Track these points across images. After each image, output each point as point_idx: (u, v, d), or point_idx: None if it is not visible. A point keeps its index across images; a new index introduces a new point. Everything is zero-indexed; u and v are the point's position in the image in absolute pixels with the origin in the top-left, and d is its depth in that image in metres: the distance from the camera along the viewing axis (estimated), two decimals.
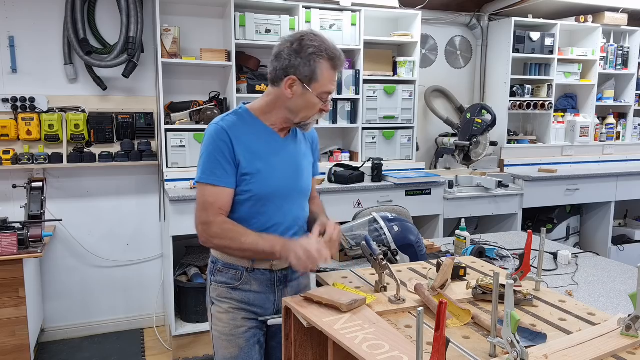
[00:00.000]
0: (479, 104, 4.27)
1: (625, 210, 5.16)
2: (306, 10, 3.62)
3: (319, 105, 1.63)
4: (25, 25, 3.30)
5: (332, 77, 1.62)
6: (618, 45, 4.81)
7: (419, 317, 1.00)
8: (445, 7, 4.45)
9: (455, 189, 3.99)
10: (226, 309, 1.71)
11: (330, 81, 1.62)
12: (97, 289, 3.67)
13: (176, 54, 3.40)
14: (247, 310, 1.71)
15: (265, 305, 1.72)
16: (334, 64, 1.60)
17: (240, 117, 1.68)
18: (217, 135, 1.62)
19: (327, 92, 1.62)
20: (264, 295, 1.71)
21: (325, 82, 1.60)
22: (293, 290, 1.77)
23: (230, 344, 1.70)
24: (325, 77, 1.60)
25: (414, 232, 2.18)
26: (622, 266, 2.25)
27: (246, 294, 1.70)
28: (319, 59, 1.58)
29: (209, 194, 1.61)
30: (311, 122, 1.69)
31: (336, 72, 1.64)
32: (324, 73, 1.59)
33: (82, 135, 3.39)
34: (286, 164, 1.70)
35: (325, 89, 1.61)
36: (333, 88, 1.64)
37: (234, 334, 1.69)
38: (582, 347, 1.24)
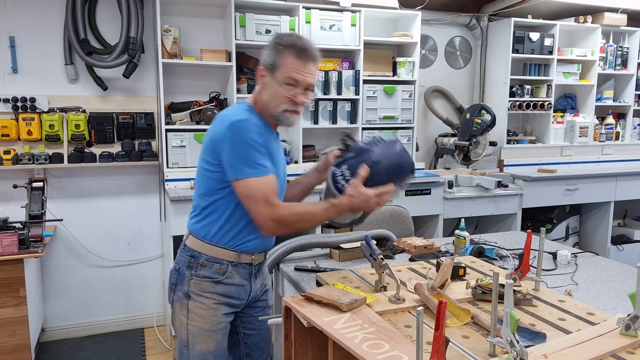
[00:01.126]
0: (478, 104, 4.28)
1: (625, 210, 5.16)
2: (306, 10, 3.63)
3: (284, 93, 1.64)
4: (25, 26, 3.31)
5: (296, 66, 1.63)
6: (617, 45, 4.82)
7: (419, 317, 1.01)
8: (445, 8, 4.45)
9: (454, 189, 4.00)
10: (208, 304, 1.72)
11: (293, 69, 1.62)
12: (98, 289, 3.68)
13: (176, 54, 3.41)
14: (226, 304, 1.76)
15: (242, 296, 1.80)
16: (298, 53, 1.62)
17: (252, 112, 1.71)
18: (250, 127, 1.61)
19: (291, 78, 1.62)
20: (242, 287, 1.78)
21: (288, 69, 1.62)
22: (260, 280, 1.86)
23: (209, 339, 1.73)
24: (288, 64, 1.62)
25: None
26: (622, 266, 2.25)
27: (228, 287, 1.75)
28: (282, 48, 1.64)
29: (264, 185, 1.59)
30: (289, 116, 1.67)
31: (303, 62, 1.63)
32: (286, 60, 1.63)
33: (83, 136, 3.39)
34: (282, 160, 1.81)
35: (287, 75, 1.62)
36: (300, 77, 1.63)
37: (214, 330, 1.73)
38: (582, 346, 1.25)
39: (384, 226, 2.97)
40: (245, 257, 1.75)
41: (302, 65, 1.63)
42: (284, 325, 1.53)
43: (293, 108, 1.67)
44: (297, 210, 1.66)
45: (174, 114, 3.54)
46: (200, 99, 3.59)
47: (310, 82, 1.66)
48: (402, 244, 2.51)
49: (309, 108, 1.84)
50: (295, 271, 2.12)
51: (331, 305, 1.45)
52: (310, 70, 1.66)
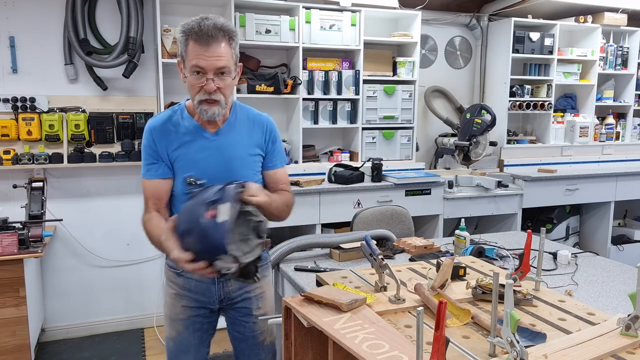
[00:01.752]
0: (478, 104, 4.28)
1: (625, 210, 5.16)
2: (306, 10, 3.63)
3: (194, 83, 1.57)
4: (25, 26, 3.30)
5: (198, 52, 1.54)
6: (617, 45, 4.82)
7: (419, 317, 1.01)
8: (445, 8, 4.45)
9: (455, 189, 4.00)
10: (170, 293, 1.80)
11: (194, 54, 1.54)
12: (98, 289, 3.68)
13: (176, 54, 3.41)
14: (188, 297, 1.77)
15: (207, 294, 1.77)
16: (197, 38, 1.54)
17: (176, 111, 1.72)
18: (145, 130, 1.71)
19: (194, 65, 1.55)
20: (204, 284, 1.76)
21: (191, 55, 1.55)
22: (238, 283, 1.77)
23: (170, 326, 1.81)
24: (190, 52, 1.56)
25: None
26: (622, 266, 2.25)
27: (188, 281, 1.76)
28: (182, 35, 1.58)
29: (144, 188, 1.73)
30: (206, 108, 1.59)
31: (204, 46, 1.53)
32: (188, 47, 1.57)
33: (83, 135, 3.39)
34: (213, 157, 1.68)
35: (191, 63, 1.55)
36: (204, 63, 1.54)
37: (173, 319, 1.79)
38: (582, 346, 1.25)
39: (384, 226, 2.97)
40: None
41: (203, 49, 1.53)
42: (284, 325, 1.53)
43: (206, 97, 1.58)
44: (148, 227, 1.66)
45: None
46: None
47: (217, 65, 1.54)
48: (402, 244, 2.51)
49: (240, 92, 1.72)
50: (295, 271, 2.12)
51: (331, 305, 1.45)
52: (214, 52, 1.54)
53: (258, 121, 1.77)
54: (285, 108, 3.91)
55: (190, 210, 1.47)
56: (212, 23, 1.55)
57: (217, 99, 1.59)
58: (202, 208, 1.42)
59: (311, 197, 3.52)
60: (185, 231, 1.45)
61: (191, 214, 1.45)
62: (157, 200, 1.70)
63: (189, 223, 1.45)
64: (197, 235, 1.41)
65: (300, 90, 3.68)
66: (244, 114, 1.76)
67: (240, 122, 1.74)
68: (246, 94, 3.54)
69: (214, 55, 1.54)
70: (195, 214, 1.43)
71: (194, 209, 1.45)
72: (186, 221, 1.46)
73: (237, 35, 1.64)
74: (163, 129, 1.68)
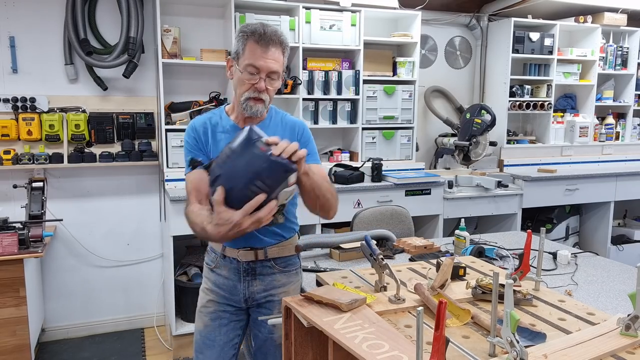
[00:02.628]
0: (478, 104, 4.28)
1: (625, 210, 5.16)
2: (306, 10, 3.63)
3: (246, 80, 1.65)
4: (25, 26, 3.31)
5: (256, 51, 1.62)
6: (617, 45, 4.82)
7: (419, 317, 1.01)
8: (445, 8, 4.45)
9: (454, 189, 4.00)
10: (203, 288, 1.90)
11: (252, 54, 1.63)
12: (98, 289, 3.68)
13: (176, 54, 3.41)
14: (216, 292, 1.85)
15: (233, 292, 1.82)
16: (258, 39, 1.62)
17: (217, 111, 1.82)
18: (188, 128, 1.80)
19: (251, 64, 1.63)
20: (231, 282, 1.82)
21: (249, 55, 1.63)
22: (263, 285, 1.81)
23: (199, 318, 1.88)
24: (249, 50, 1.63)
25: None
26: (622, 266, 2.25)
27: (218, 277, 1.84)
28: (242, 35, 1.66)
29: (187, 182, 1.75)
30: (252, 105, 1.67)
31: (264, 48, 1.62)
32: (248, 47, 1.64)
33: (83, 136, 3.39)
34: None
35: (248, 61, 1.63)
36: (260, 63, 1.63)
37: (201, 311, 1.88)
38: (582, 346, 1.25)
39: (384, 226, 2.97)
40: (230, 251, 1.79)
41: (262, 51, 1.63)
42: (284, 325, 1.53)
43: (255, 95, 1.66)
44: (191, 216, 1.64)
45: (174, 113, 3.54)
46: (200, 99, 3.59)
47: (272, 67, 1.64)
48: (402, 244, 2.52)
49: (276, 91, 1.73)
50: None
51: (331, 305, 1.45)
52: (271, 55, 1.64)
53: (291, 125, 1.82)
54: (285, 108, 3.89)
55: (234, 155, 1.47)
56: (274, 30, 1.66)
57: (263, 98, 1.68)
58: (253, 148, 1.44)
59: None
60: (235, 174, 1.45)
61: (236, 157, 1.46)
62: (198, 192, 1.70)
63: (234, 166, 1.46)
64: (250, 167, 1.43)
65: (300, 90, 3.69)
66: (279, 118, 1.83)
67: (274, 124, 1.80)
68: None
69: (270, 58, 1.64)
70: (240, 154, 1.45)
71: (236, 151, 1.46)
72: (230, 168, 1.46)
73: (289, 48, 1.74)
74: (204, 127, 1.78)
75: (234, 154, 1.47)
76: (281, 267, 1.82)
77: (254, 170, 1.43)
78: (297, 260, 1.89)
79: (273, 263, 1.81)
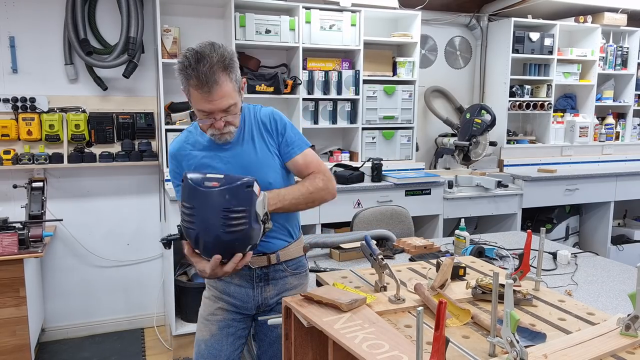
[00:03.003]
0: (478, 104, 4.28)
1: (625, 210, 5.16)
2: (306, 10, 3.63)
3: (203, 124, 1.62)
4: (25, 26, 3.31)
5: (199, 97, 1.54)
6: (617, 45, 4.82)
7: (419, 317, 1.01)
8: (445, 8, 4.45)
9: (454, 189, 4.00)
10: (208, 295, 1.84)
11: (198, 100, 1.55)
12: (98, 289, 3.68)
13: (176, 54, 3.41)
14: (225, 300, 1.79)
15: (245, 299, 1.78)
16: (197, 85, 1.52)
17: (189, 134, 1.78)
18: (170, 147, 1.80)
19: (200, 110, 1.57)
20: (243, 289, 1.77)
21: (194, 101, 1.57)
22: (276, 289, 1.79)
23: (204, 327, 1.82)
24: (194, 98, 1.57)
25: None
26: (622, 266, 2.25)
27: (228, 285, 1.79)
28: (183, 79, 1.57)
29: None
30: (219, 137, 1.64)
31: (206, 92, 1.52)
32: (191, 93, 1.57)
33: (83, 136, 3.39)
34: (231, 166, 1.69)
35: (197, 107, 1.58)
36: (209, 107, 1.55)
37: (208, 319, 1.82)
38: (582, 346, 1.25)
39: (384, 226, 2.97)
40: None
41: (206, 96, 1.53)
42: (284, 325, 1.53)
43: (218, 132, 1.62)
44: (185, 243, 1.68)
45: (173, 114, 3.53)
46: None
47: (222, 106, 1.56)
48: (402, 244, 2.52)
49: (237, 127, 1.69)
50: None
51: (331, 305, 1.45)
52: (216, 96, 1.53)
53: (264, 118, 1.76)
54: (285, 108, 3.91)
55: (203, 203, 1.46)
56: (208, 64, 1.51)
57: (227, 131, 1.64)
58: (205, 192, 1.44)
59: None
60: (221, 213, 1.44)
61: (207, 201, 1.45)
62: None
63: (214, 208, 1.44)
64: (229, 200, 1.43)
65: (300, 90, 3.68)
66: (252, 116, 1.75)
67: (249, 125, 1.74)
68: (246, 94, 3.53)
69: (217, 98, 1.55)
70: (208, 198, 1.44)
71: (206, 197, 1.45)
72: (211, 211, 1.45)
73: (234, 60, 1.60)
74: (182, 152, 1.75)
75: (193, 208, 1.46)
76: (292, 270, 1.81)
77: (221, 209, 1.43)
78: (305, 262, 1.89)
79: (285, 266, 1.79)
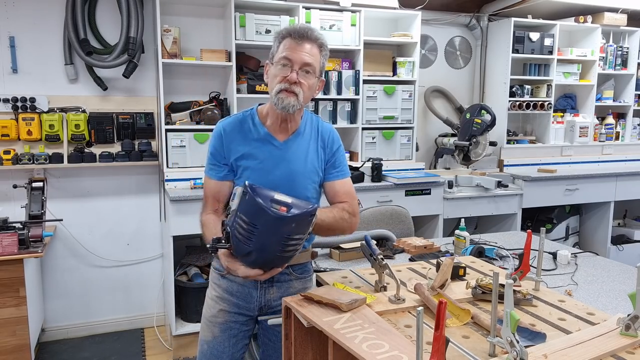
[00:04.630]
0: (478, 104, 4.28)
1: (625, 210, 5.16)
2: (306, 10, 3.63)
3: (280, 73, 1.63)
4: (25, 26, 3.31)
5: (289, 45, 1.62)
6: (617, 45, 4.82)
7: (419, 317, 1.01)
8: (445, 8, 4.45)
9: (454, 189, 4.00)
10: (212, 295, 1.81)
11: (286, 48, 1.62)
12: (98, 289, 3.68)
13: (176, 54, 3.41)
14: (228, 301, 1.77)
15: (248, 299, 1.77)
16: (292, 33, 1.63)
17: (247, 114, 1.76)
18: (214, 131, 1.76)
19: (284, 57, 1.61)
20: (247, 288, 1.76)
21: (282, 49, 1.63)
22: (280, 292, 1.77)
23: (207, 328, 1.81)
24: (283, 46, 1.64)
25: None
26: (622, 266, 2.25)
27: (232, 283, 1.77)
28: (279, 36, 1.67)
29: (204, 187, 1.79)
30: (284, 97, 1.61)
31: (297, 41, 1.61)
32: (282, 44, 1.64)
33: (83, 136, 3.39)
34: (277, 168, 1.69)
35: (281, 54, 1.62)
36: (293, 55, 1.61)
37: (211, 321, 1.80)
38: (582, 346, 1.25)
39: (384, 226, 2.97)
40: None
41: (295, 44, 1.61)
42: (284, 325, 1.53)
43: (287, 87, 1.61)
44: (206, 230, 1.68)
45: (174, 114, 3.54)
46: (200, 99, 3.59)
47: (305, 59, 1.61)
48: (402, 244, 2.52)
49: (314, 93, 1.71)
50: None
51: (331, 305, 1.45)
52: (305, 49, 1.62)
53: (324, 131, 1.77)
54: None
55: (266, 227, 1.43)
56: (310, 27, 1.65)
57: (296, 91, 1.61)
58: (274, 217, 1.40)
59: None
60: (283, 238, 1.44)
61: (273, 227, 1.42)
62: (216, 202, 1.73)
63: (277, 234, 1.43)
64: (295, 228, 1.43)
65: None
66: (314, 125, 1.77)
67: (308, 133, 1.75)
68: (246, 94, 3.54)
69: (304, 50, 1.62)
70: (275, 223, 1.41)
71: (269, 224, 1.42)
72: (273, 235, 1.43)
73: (327, 49, 1.70)
74: (234, 132, 1.72)
75: (255, 228, 1.41)
76: (298, 274, 1.80)
77: (284, 235, 1.43)
78: (311, 267, 1.88)
79: (291, 270, 1.78)
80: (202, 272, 3.52)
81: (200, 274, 3.49)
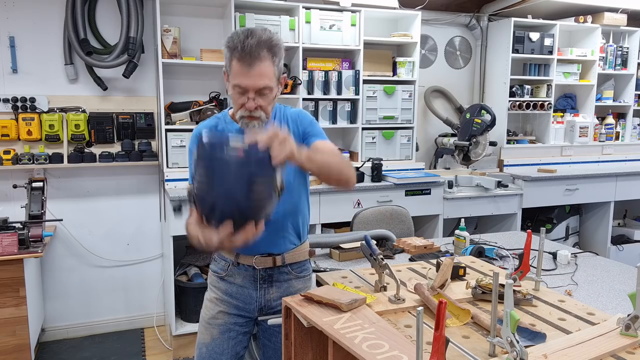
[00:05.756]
0: (478, 104, 4.28)
1: (625, 210, 5.17)
2: (306, 10, 3.63)
3: (236, 100, 1.59)
4: (25, 26, 3.31)
5: (239, 70, 1.53)
6: (617, 45, 4.82)
7: (419, 317, 1.01)
8: (445, 8, 4.45)
9: (454, 189, 4.00)
10: (210, 297, 1.81)
11: (237, 73, 1.54)
12: (98, 289, 3.68)
13: (176, 54, 3.41)
14: (227, 303, 1.77)
15: (247, 301, 1.76)
16: (239, 57, 1.52)
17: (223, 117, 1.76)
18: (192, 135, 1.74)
19: (237, 85, 1.56)
20: (246, 290, 1.75)
21: (234, 74, 1.56)
22: (280, 291, 1.76)
23: (205, 330, 1.79)
24: (233, 70, 1.55)
25: None
26: (622, 266, 2.26)
27: (231, 285, 1.77)
28: (227, 51, 1.57)
29: None
30: (247, 122, 1.59)
31: (246, 65, 1.52)
32: (232, 65, 1.56)
33: (83, 136, 3.39)
34: None
35: (234, 81, 1.56)
36: (246, 83, 1.54)
37: (210, 323, 1.79)
38: (582, 346, 1.25)
39: (384, 226, 2.97)
40: (245, 259, 1.73)
41: (246, 69, 1.53)
42: (284, 325, 1.53)
43: (248, 114, 1.58)
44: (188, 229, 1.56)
45: (173, 114, 3.54)
46: (200, 99, 3.59)
47: (258, 85, 1.54)
48: (402, 244, 2.52)
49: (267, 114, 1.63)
50: None
51: (331, 305, 1.45)
52: (255, 72, 1.53)
53: (292, 118, 1.75)
54: None
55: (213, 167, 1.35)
56: (256, 41, 1.52)
57: (257, 115, 1.59)
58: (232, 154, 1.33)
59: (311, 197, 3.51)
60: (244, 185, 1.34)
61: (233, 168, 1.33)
62: None
63: (238, 179, 1.34)
64: (254, 173, 1.34)
65: (300, 91, 3.69)
66: (281, 115, 1.75)
67: (279, 121, 1.73)
68: None
69: (255, 75, 1.54)
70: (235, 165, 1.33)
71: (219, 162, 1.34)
72: (234, 180, 1.34)
73: (281, 49, 1.61)
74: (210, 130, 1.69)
75: (214, 176, 1.35)
76: (297, 273, 1.79)
77: (246, 176, 1.34)
78: (310, 265, 1.88)
79: (290, 269, 1.77)
80: (202, 272, 3.52)
81: (200, 274, 3.49)
